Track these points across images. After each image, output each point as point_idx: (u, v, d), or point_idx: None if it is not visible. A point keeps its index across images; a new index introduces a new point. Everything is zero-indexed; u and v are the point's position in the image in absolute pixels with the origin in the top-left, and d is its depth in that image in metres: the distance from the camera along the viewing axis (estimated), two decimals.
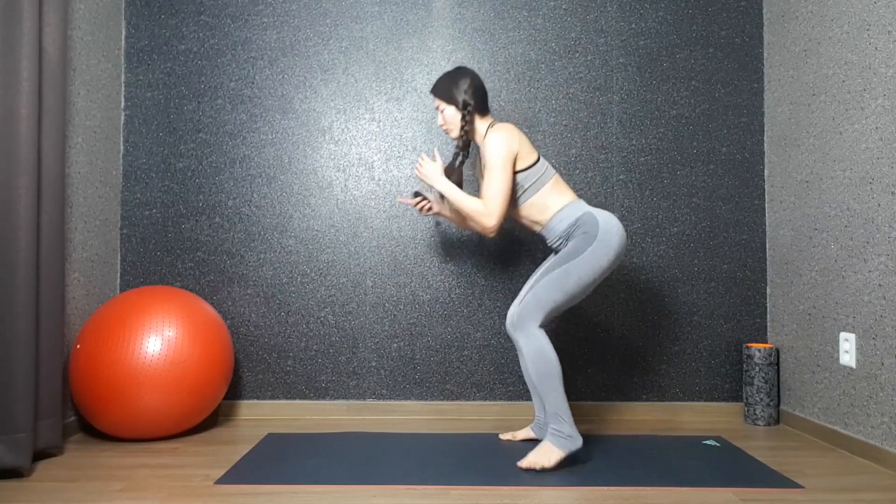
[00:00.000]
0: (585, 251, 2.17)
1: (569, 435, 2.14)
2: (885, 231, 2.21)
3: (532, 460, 2.13)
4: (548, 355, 2.15)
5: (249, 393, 2.90)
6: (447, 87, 2.33)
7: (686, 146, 2.96)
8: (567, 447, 2.14)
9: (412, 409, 2.90)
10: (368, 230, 2.94)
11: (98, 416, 2.38)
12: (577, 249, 2.18)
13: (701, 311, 2.94)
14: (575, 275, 2.17)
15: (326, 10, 2.97)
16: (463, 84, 2.31)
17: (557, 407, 2.15)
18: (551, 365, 2.15)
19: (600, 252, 2.17)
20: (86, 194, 2.66)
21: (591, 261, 2.17)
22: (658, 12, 2.98)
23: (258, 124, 2.95)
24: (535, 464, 2.12)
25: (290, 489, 1.96)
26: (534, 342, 2.15)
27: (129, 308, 2.41)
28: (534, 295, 2.18)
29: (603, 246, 2.17)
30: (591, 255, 2.17)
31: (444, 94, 2.33)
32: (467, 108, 2.30)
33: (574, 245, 2.19)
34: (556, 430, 2.15)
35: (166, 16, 2.95)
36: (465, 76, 2.32)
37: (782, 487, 1.99)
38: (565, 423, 2.14)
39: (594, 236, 2.17)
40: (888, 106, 2.20)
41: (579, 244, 2.18)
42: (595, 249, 2.17)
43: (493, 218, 2.20)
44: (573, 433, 2.15)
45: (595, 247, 2.17)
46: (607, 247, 2.18)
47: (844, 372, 2.42)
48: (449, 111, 2.33)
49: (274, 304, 2.92)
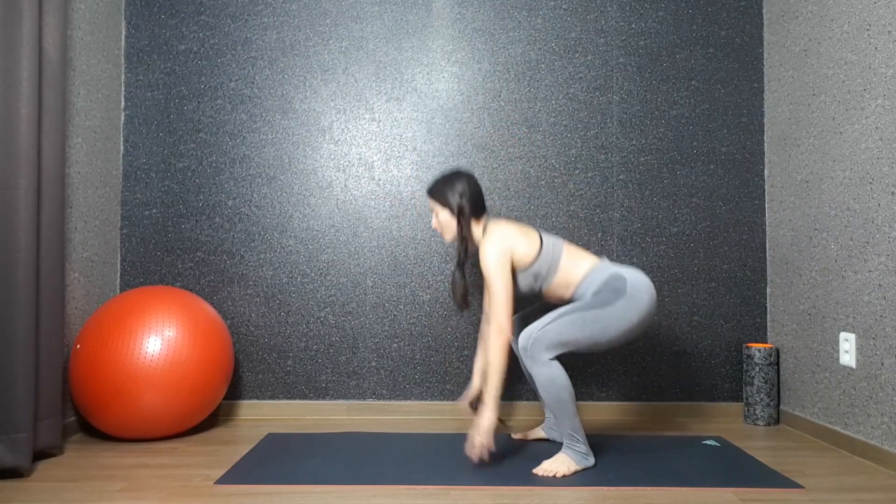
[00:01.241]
0: (616, 303, 2.13)
1: (585, 453, 2.17)
2: (885, 231, 2.21)
3: (548, 468, 2.13)
4: (559, 382, 2.09)
5: (249, 393, 2.90)
6: (442, 189, 2.29)
7: (686, 146, 2.96)
8: (582, 463, 2.16)
9: (412, 409, 2.90)
10: (368, 230, 2.93)
11: (98, 416, 2.38)
12: (607, 300, 2.13)
13: (701, 311, 2.94)
14: (603, 322, 2.11)
15: (326, 10, 2.97)
16: (459, 187, 2.26)
17: (573, 428, 2.15)
18: (563, 391, 2.10)
19: (630, 306, 2.13)
20: (86, 194, 2.66)
21: (621, 313, 2.12)
22: (658, 12, 2.98)
23: (258, 124, 2.95)
24: (553, 472, 2.11)
25: (290, 489, 1.96)
26: (546, 371, 2.09)
27: (129, 308, 2.41)
28: (557, 326, 2.10)
29: (633, 301, 2.14)
30: (621, 308, 2.12)
31: (439, 196, 2.29)
32: (462, 213, 2.26)
33: (604, 297, 2.15)
34: (572, 446, 2.16)
35: (166, 16, 2.95)
36: (461, 180, 2.27)
37: (782, 487, 1.99)
38: (580, 443, 2.16)
39: (623, 291, 2.14)
40: (888, 106, 2.20)
41: (609, 297, 2.14)
42: (626, 303, 2.13)
43: (504, 331, 2.13)
44: (587, 451, 2.17)
45: (625, 301, 2.13)
46: (638, 302, 2.14)
47: (844, 372, 2.42)
48: (444, 215, 2.29)
49: (274, 304, 2.92)
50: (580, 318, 2.11)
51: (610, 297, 2.14)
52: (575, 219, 2.93)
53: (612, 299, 2.13)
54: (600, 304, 2.13)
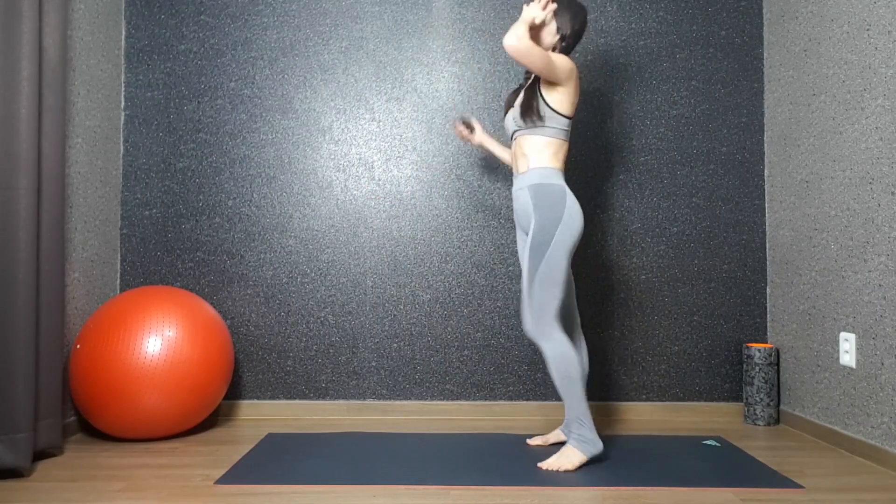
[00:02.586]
0: (555, 237, 2.18)
1: (591, 439, 2.17)
2: (885, 231, 2.21)
3: (554, 463, 2.14)
4: (569, 359, 2.15)
5: (249, 393, 2.90)
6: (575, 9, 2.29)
7: (686, 146, 2.96)
8: (589, 451, 2.16)
9: (412, 409, 2.90)
10: (368, 230, 2.93)
11: (98, 416, 2.38)
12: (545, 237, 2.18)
13: (701, 311, 2.94)
14: (556, 266, 2.18)
15: (326, 10, 2.97)
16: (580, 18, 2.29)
17: (579, 411, 2.17)
18: (573, 369, 2.15)
19: (566, 234, 2.19)
20: (86, 194, 2.66)
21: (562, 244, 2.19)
22: (658, 12, 2.98)
23: (258, 124, 2.95)
24: (558, 466, 2.13)
25: (290, 489, 1.96)
26: (556, 347, 2.15)
27: (129, 308, 2.41)
28: (538, 303, 2.18)
29: (567, 229, 2.20)
30: (561, 239, 2.19)
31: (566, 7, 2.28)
32: (564, 39, 2.29)
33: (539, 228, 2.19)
34: (578, 434, 2.17)
35: (166, 16, 2.95)
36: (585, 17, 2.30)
37: (782, 487, 1.99)
38: (586, 428, 2.17)
39: (559, 217, 2.19)
40: (888, 106, 2.20)
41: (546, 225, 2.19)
42: (562, 232, 2.19)
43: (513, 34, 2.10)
44: (594, 437, 2.18)
45: (561, 229, 2.19)
46: (572, 229, 2.20)
47: (844, 372, 2.42)
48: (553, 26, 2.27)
49: (274, 304, 2.92)
50: (542, 279, 2.17)
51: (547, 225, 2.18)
52: None
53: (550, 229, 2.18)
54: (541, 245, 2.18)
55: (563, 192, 2.22)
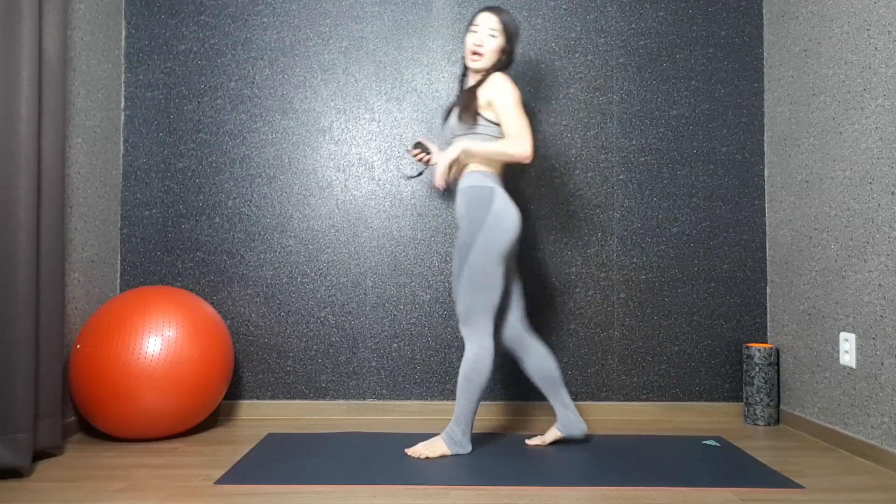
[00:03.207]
0: (476, 240, 2.21)
1: (460, 441, 2.29)
2: (885, 231, 2.21)
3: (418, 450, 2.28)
4: (480, 368, 2.23)
5: (249, 393, 2.90)
6: (515, 27, 2.36)
7: (686, 146, 2.96)
8: (454, 450, 2.29)
9: (412, 409, 2.90)
10: (368, 230, 2.93)
11: (98, 416, 2.38)
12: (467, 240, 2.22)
13: (701, 311, 2.94)
14: (480, 270, 2.21)
15: (326, 10, 2.97)
16: (516, 39, 2.38)
17: (463, 414, 2.28)
18: (477, 376, 2.24)
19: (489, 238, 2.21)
20: (86, 194, 2.66)
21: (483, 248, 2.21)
22: (658, 12, 2.98)
23: (258, 124, 2.95)
24: (420, 453, 2.26)
25: (290, 489, 1.96)
26: (474, 352, 2.24)
27: (129, 308, 2.41)
28: (464, 306, 2.24)
29: (490, 233, 2.21)
30: (483, 243, 2.21)
31: (510, 28, 2.35)
32: (510, 56, 2.37)
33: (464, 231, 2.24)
34: (451, 431, 2.30)
35: (166, 16, 2.95)
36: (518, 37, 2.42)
37: (782, 487, 1.99)
38: (460, 430, 2.29)
39: (482, 220, 2.21)
40: (888, 106, 2.20)
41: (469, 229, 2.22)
42: (485, 236, 2.21)
43: (526, 142, 2.21)
44: (464, 440, 2.29)
45: (485, 233, 2.21)
46: (498, 231, 2.21)
47: (844, 372, 2.42)
48: (498, 44, 2.32)
49: (274, 304, 2.92)
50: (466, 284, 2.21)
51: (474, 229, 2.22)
52: (575, 219, 2.93)
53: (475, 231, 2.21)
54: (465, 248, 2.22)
55: (490, 195, 2.24)
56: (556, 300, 2.92)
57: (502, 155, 2.23)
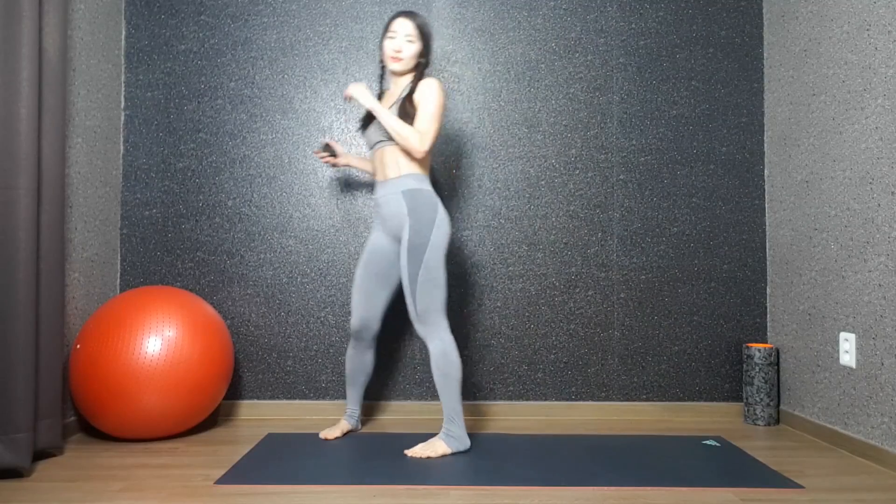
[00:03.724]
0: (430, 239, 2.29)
1: (459, 436, 2.31)
2: (885, 231, 2.21)
3: (419, 451, 2.28)
4: (450, 359, 2.28)
5: (249, 393, 2.90)
6: (429, 31, 2.43)
7: (686, 146, 2.96)
8: (455, 447, 2.30)
9: (413, 409, 2.90)
10: (368, 230, 2.93)
11: (98, 416, 2.38)
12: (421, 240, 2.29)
13: (701, 311, 2.94)
14: (436, 268, 2.29)
15: (326, 10, 2.97)
16: (432, 41, 2.49)
17: (453, 410, 2.30)
18: (452, 368, 2.28)
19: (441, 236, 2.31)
20: (86, 194, 2.66)
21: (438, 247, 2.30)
22: (658, 12, 2.98)
23: (258, 124, 2.95)
24: (421, 454, 2.26)
25: (290, 489, 1.96)
26: (440, 346, 2.29)
27: (129, 308, 2.41)
28: (422, 305, 2.29)
29: (441, 232, 2.31)
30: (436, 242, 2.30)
31: (425, 32, 2.41)
32: (427, 59, 2.44)
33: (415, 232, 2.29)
34: (448, 429, 2.31)
35: (166, 16, 2.95)
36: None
37: (782, 487, 1.99)
38: (456, 425, 2.31)
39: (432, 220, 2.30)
40: (888, 106, 2.20)
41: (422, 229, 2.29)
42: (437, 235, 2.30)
43: (426, 142, 2.30)
44: (462, 435, 2.32)
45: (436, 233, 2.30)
46: (445, 232, 2.32)
47: (844, 372, 2.42)
48: (416, 48, 2.38)
49: (274, 304, 2.92)
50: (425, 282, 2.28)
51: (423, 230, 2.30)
52: (575, 219, 2.93)
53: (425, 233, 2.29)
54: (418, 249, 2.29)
55: (434, 198, 2.35)
56: (556, 300, 2.92)
57: (399, 135, 2.29)
